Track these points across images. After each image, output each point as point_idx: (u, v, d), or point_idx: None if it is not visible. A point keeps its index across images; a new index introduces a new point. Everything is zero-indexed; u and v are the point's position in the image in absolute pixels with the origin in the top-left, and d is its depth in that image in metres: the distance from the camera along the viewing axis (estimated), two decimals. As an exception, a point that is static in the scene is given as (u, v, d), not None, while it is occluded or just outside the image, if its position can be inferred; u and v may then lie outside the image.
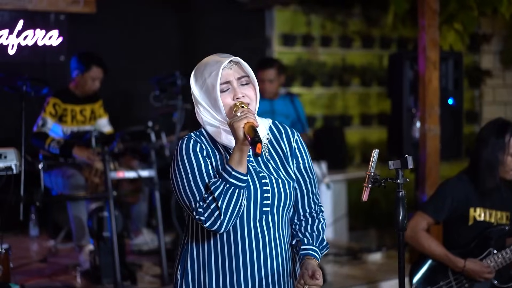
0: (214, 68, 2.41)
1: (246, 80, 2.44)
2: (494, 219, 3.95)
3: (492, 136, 3.90)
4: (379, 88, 8.20)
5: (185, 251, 2.48)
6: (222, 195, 2.30)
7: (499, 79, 8.75)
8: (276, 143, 2.55)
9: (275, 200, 2.44)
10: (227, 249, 2.42)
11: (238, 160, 2.32)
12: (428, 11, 5.15)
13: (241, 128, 2.29)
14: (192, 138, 2.43)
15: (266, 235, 2.44)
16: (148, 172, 5.02)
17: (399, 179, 2.71)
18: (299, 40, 7.72)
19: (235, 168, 2.31)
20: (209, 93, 2.42)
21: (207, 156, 2.41)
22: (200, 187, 2.35)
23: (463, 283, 3.86)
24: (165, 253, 4.93)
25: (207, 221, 2.31)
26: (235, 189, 2.31)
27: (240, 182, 2.31)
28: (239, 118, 2.31)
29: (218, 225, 2.31)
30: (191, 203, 2.34)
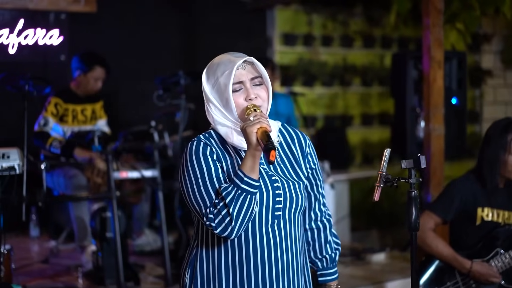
0: (228, 67, 2.37)
1: (259, 81, 2.41)
2: (501, 219, 3.92)
3: (495, 135, 3.87)
4: (380, 88, 8.18)
5: (194, 255, 2.44)
6: (234, 201, 2.26)
7: (499, 79, 8.74)
8: (286, 147, 2.52)
9: (287, 203, 2.40)
10: (238, 255, 2.37)
11: (251, 165, 2.27)
12: (432, 10, 5.13)
13: (254, 133, 2.24)
14: (202, 141, 2.39)
15: (278, 241, 2.39)
16: (152, 172, 4.99)
17: (412, 178, 2.69)
18: (300, 40, 7.69)
19: (247, 174, 2.26)
20: (221, 92, 2.38)
21: (217, 159, 2.37)
22: (210, 192, 2.30)
23: (470, 284, 3.83)
24: (168, 253, 4.89)
25: (217, 227, 2.27)
26: (247, 195, 2.27)
27: (252, 188, 2.27)
28: (252, 123, 2.26)
29: (229, 232, 2.27)
30: (201, 209, 2.30)
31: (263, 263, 2.36)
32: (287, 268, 2.41)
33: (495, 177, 3.85)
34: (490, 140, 3.87)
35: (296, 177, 2.47)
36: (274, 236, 2.38)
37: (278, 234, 2.39)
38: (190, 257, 2.45)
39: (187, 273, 2.45)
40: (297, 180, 2.46)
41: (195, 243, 2.45)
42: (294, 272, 2.43)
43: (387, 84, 8.12)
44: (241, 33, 7.26)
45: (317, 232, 2.60)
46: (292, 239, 2.43)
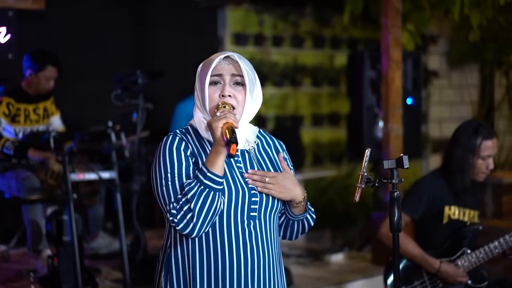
0: (211, 59, 2.35)
1: (241, 80, 2.36)
2: (467, 218, 3.96)
3: (465, 138, 3.90)
4: (330, 88, 8.20)
5: (168, 255, 2.37)
6: (196, 197, 2.21)
7: (445, 80, 8.88)
8: (263, 151, 2.49)
9: (263, 203, 2.36)
10: (213, 253, 2.31)
11: (215, 161, 2.24)
12: (391, 10, 5.16)
13: (219, 128, 2.21)
14: (177, 136, 2.35)
15: (254, 241, 2.34)
16: (109, 173, 4.87)
17: (394, 179, 2.67)
18: (251, 40, 7.65)
19: (211, 170, 2.22)
20: (200, 83, 2.36)
21: (191, 155, 2.33)
22: (176, 187, 2.26)
23: (437, 283, 3.85)
24: (127, 256, 4.78)
25: (179, 223, 2.22)
26: (210, 191, 2.22)
27: (215, 184, 2.22)
28: (218, 118, 2.24)
29: (191, 229, 2.22)
30: (166, 204, 2.25)
31: (238, 263, 2.31)
32: (263, 269, 2.36)
33: (464, 179, 3.88)
34: (459, 143, 3.90)
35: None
36: (250, 236, 2.34)
37: (254, 235, 2.34)
38: (164, 258, 2.38)
39: (162, 275, 2.38)
40: None
41: (168, 243, 2.38)
42: (270, 273, 2.39)
43: (337, 84, 8.17)
44: (192, 32, 7.18)
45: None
46: (268, 240, 2.39)
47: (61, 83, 5.56)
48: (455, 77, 8.96)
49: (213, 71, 2.33)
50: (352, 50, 8.19)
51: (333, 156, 7.88)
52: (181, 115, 5.73)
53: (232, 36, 7.53)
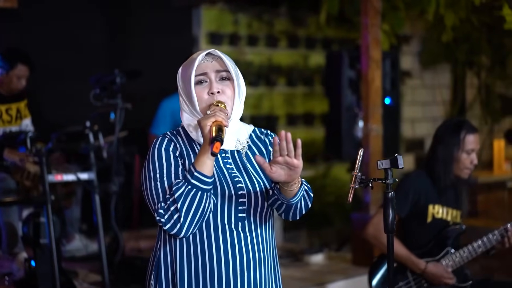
0: (193, 59, 2.31)
1: (227, 75, 2.33)
2: (450, 217, 3.97)
3: (448, 133, 3.91)
4: (305, 88, 8.19)
5: (157, 258, 2.33)
6: (183, 197, 2.17)
7: (418, 80, 8.91)
8: (256, 149, 2.44)
9: (252, 204, 2.32)
10: (201, 255, 2.28)
11: (203, 160, 2.19)
12: (371, 10, 5.16)
13: (208, 126, 2.17)
14: (167, 137, 2.32)
15: (243, 243, 2.30)
16: (88, 174, 4.78)
17: (389, 179, 2.65)
18: (226, 39, 7.60)
19: (198, 169, 2.18)
20: (185, 85, 2.31)
21: (180, 156, 2.30)
22: (165, 187, 2.22)
23: (422, 284, 3.85)
24: (106, 258, 4.71)
25: (166, 223, 2.18)
26: (197, 192, 2.18)
27: (202, 184, 2.18)
28: (207, 116, 2.20)
29: (178, 229, 2.18)
30: (154, 204, 2.22)
31: (226, 265, 2.27)
32: (253, 271, 2.32)
33: (449, 176, 3.89)
34: (442, 139, 3.91)
35: (265, 179, 2.37)
36: (239, 237, 2.30)
37: (243, 236, 2.30)
38: (154, 260, 2.35)
39: (152, 277, 2.34)
40: (264, 182, 2.37)
41: (158, 245, 2.35)
42: (262, 274, 2.34)
43: (312, 84, 8.16)
44: (167, 31, 7.11)
45: None
46: (259, 241, 2.34)
47: (37, 83, 5.47)
48: (428, 77, 9.02)
49: (197, 71, 2.29)
50: (326, 50, 8.18)
51: (308, 156, 7.86)
52: (166, 111, 5.68)
53: (207, 35, 7.48)
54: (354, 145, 5.52)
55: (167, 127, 5.66)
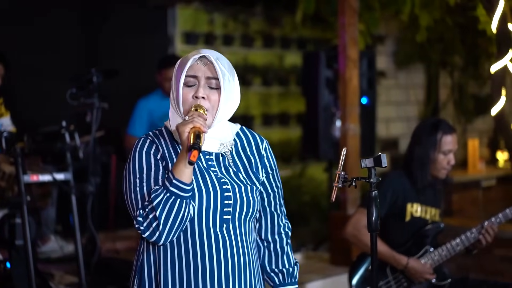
0: (187, 59, 2.28)
1: (216, 84, 2.29)
2: (429, 216, 3.98)
3: (425, 134, 3.92)
4: (280, 88, 8.18)
5: (141, 261, 2.30)
6: (161, 205, 2.13)
7: (392, 80, 8.95)
8: (242, 150, 2.41)
9: (237, 207, 2.29)
10: (185, 259, 2.24)
11: (182, 168, 2.14)
12: (348, 10, 5.17)
13: (185, 133, 2.13)
14: (148, 138, 2.28)
15: (228, 245, 2.27)
16: (64, 175, 4.73)
17: (372, 178, 2.64)
18: (201, 39, 7.56)
19: (177, 177, 2.14)
20: (175, 83, 2.29)
21: (161, 158, 2.26)
22: (144, 193, 2.18)
23: (402, 283, 3.86)
24: (83, 260, 4.65)
25: (145, 231, 2.15)
26: (176, 199, 2.14)
27: (181, 192, 2.14)
28: (185, 122, 2.16)
29: (157, 237, 2.15)
30: (133, 210, 2.19)
31: (211, 267, 2.24)
32: (238, 273, 2.29)
33: (426, 176, 3.90)
34: (420, 139, 3.92)
35: (249, 181, 2.35)
36: (224, 240, 2.27)
37: (228, 239, 2.27)
38: (137, 264, 2.31)
39: (135, 281, 2.31)
40: (250, 184, 2.34)
41: (141, 249, 2.31)
42: (246, 277, 2.32)
43: (287, 84, 8.15)
44: (142, 30, 7.07)
45: (273, 244, 2.48)
46: (244, 244, 2.32)
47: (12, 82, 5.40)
48: (402, 77, 9.06)
49: (188, 71, 2.26)
50: (302, 50, 8.19)
51: (284, 156, 7.87)
52: (142, 111, 5.63)
53: (182, 35, 7.44)
54: (331, 145, 5.53)
55: (144, 127, 5.62)
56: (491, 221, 3.78)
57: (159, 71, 5.63)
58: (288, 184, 7.34)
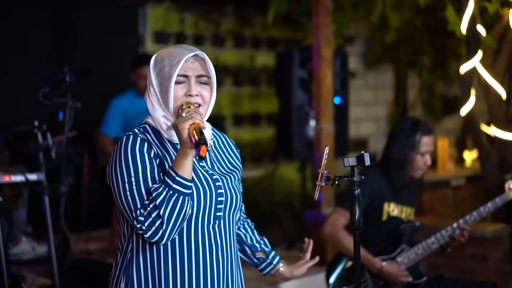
0: (177, 57, 2.26)
1: (205, 80, 2.31)
2: (404, 215, 4.01)
3: (403, 134, 3.95)
4: (251, 88, 8.18)
5: (129, 260, 2.28)
6: (165, 203, 2.12)
7: (361, 80, 9.01)
8: (220, 146, 2.47)
9: (228, 203, 2.33)
10: (179, 257, 2.24)
11: (183, 164, 2.15)
12: (322, 10, 5.18)
13: (185, 129, 2.13)
14: (138, 136, 2.25)
15: (219, 242, 2.30)
16: (37, 175, 4.66)
17: (355, 176, 2.65)
18: (172, 38, 7.53)
19: (180, 173, 2.14)
20: (163, 81, 2.27)
21: (155, 156, 2.24)
22: (142, 192, 2.16)
23: (378, 282, 3.88)
24: (56, 261, 4.59)
25: (147, 231, 2.13)
26: (179, 196, 2.13)
27: (184, 189, 2.14)
28: (184, 119, 2.15)
29: (160, 236, 2.13)
30: (131, 211, 2.15)
31: (204, 265, 2.26)
32: (230, 269, 2.34)
33: (403, 176, 3.93)
34: (398, 140, 3.95)
35: (233, 172, 2.42)
36: (215, 237, 2.29)
37: (219, 235, 2.30)
38: (124, 263, 2.29)
39: (122, 281, 2.28)
40: (234, 174, 2.41)
41: (128, 248, 2.29)
42: (234, 272, 2.37)
43: (258, 84, 8.15)
44: (113, 29, 7.01)
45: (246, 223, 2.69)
46: (232, 239, 2.36)
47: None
48: (371, 78, 9.12)
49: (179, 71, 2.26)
50: (272, 50, 8.20)
51: (255, 156, 7.87)
52: (116, 111, 5.59)
53: (153, 34, 7.40)
54: (305, 144, 5.53)
55: (117, 126, 5.58)
56: (466, 219, 3.82)
57: (133, 70, 5.59)
58: (260, 184, 7.35)
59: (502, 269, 5.64)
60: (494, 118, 6.12)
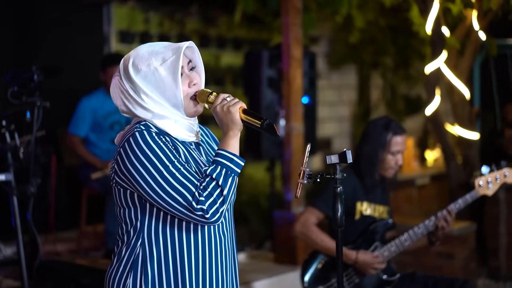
0: (169, 54, 2.25)
1: (192, 65, 2.34)
2: (377, 213, 4.04)
3: (375, 133, 3.98)
4: (216, 88, 8.16)
5: (137, 255, 2.24)
6: (226, 182, 2.17)
7: (325, 80, 9.04)
8: (207, 139, 2.51)
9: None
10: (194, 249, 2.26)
11: (234, 145, 2.25)
12: (292, 9, 5.19)
13: (237, 112, 2.21)
14: (151, 129, 2.22)
15: (226, 233, 2.35)
16: (5, 176, 4.58)
17: (337, 174, 2.66)
18: (137, 38, 7.47)
19: (236, 154, 2.23)
20: (161, 82, 2.24)
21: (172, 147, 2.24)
22: (190, 177, 2.17)
23: (353, 279, 3.90)
24: (25, 262, 4.52)
25: (209, 210, 2.15)
26: (235, 176, 2.21)
27: (239, 169, 2.23)
28: (233, 102, 2.23)
29: (219, 214, 2.17)
30: (185, 197, 2.14)
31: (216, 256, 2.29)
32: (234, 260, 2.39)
33: (374, 174, 3.97)
34: (369, 138, 3.98)
35: None
36: (223, 228, 2.34)
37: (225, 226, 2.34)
38: (132, 259, 2.25)
39: (129, 277, 2.24)
40: None
41: (138, 243, 2.25)
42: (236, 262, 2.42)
43: (223, 84, 8.14)
44: (77, 29, 6.92)
45: None
46: (233, 229, 2.41)
47: None
48: (335, 78, 9.17)
49: None
50: (238, 50, 8.19)
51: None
52: (85, 110, 5.53)
53: (118, 33, 7.33)
54: (274, 144, 5.54)
55: (87, 126, 5.52)
56: (450, 207, 3.84)
57: (103, 69, 5.54)
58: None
59: (468, 266, 5.73)
60: (458, 118, 6.22)
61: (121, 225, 2.32)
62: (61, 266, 4.90)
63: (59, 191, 5.80)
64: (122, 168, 2.21)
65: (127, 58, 2.31)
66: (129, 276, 2.26)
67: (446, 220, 3.81)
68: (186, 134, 2.30)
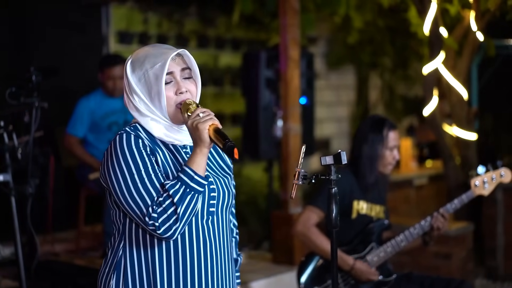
0: (159, 59, 2.27)
1: (188, 74, 2.34)
2: (374, 213, 4.05)
3: (371, 132, 4.00)
4: (214, 88, 8.17)
5: (120, 257, 2.29)
6: (182, 200, 2.16)
7: (323, 81, 9.06)
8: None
9: (221, 199, 2.35)
10: (174, 252, 2.27)
11: (200, 163, 2.20)
12: (289, 10, 5.20)
13: (206, 130, 2.18)
14: (132, 134, 2.25)
15: (212, 237, 2.32)
16: (3, 176, 4.59)
17: (332, 175, 2.67)
18: (135, 38, 7.48)
19: (198, 173, 2.18)
20: (149, 85, 2.27)
21: (151, 153, 2.25)
22: (150, 190, 2.18)
23: (349, 281, 3.91)
24: (23, 263, 4.53)
25: (161, 226, 2.15)
26: (195, 194, 2.18)
27: (201, 187, 2.20)
28: (204, 119, 2.20)
29: (172, 232, 2.17)
30: (140, 208, 2.17)
31: (199, 260, 2.28)
32: (223, 265, 2.36)
33: (374, 173, 3.98)
34: (366, 137, 3.99)
35: (224, 172, 2.44)
36: (209, 232, 2.31)
37: (212, 230, 2.32)
38: (115, 260, 2.30)
39: (112, 278, 2.28)
40: (226, 175, 2.43)
41: (120, 245, 2.30)
42: (227, 268, 2.39)
43: (221, 84, 8.15)
44: (75, 29, 6.93)
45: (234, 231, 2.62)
46: (225, 235, 2.38)
47: None
48: (333, 78, 9.18)
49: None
50: (236, 50, 8.20)
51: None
52: (83, 110, 5.54)
53: (116, 34, 7.34)
54: (272, 145, 5.56)
55: (85, 126, 5.53)
56: (446, 207, 3.85)
57: (101, 70, 5.55)
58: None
59: (465, 267, 5.74)
60: (455, 118, 6.23)
61: (113, 226, 2.37)
62: (59, 266, 4.91)
63: (57, 192, 5.80)
64: (104, 168, 2.27)
65: (130, 57, 2.36)
66: (111, 277, 2.30)
67: (441, 221, 3.82)
68: (173, 137, 2.31)
